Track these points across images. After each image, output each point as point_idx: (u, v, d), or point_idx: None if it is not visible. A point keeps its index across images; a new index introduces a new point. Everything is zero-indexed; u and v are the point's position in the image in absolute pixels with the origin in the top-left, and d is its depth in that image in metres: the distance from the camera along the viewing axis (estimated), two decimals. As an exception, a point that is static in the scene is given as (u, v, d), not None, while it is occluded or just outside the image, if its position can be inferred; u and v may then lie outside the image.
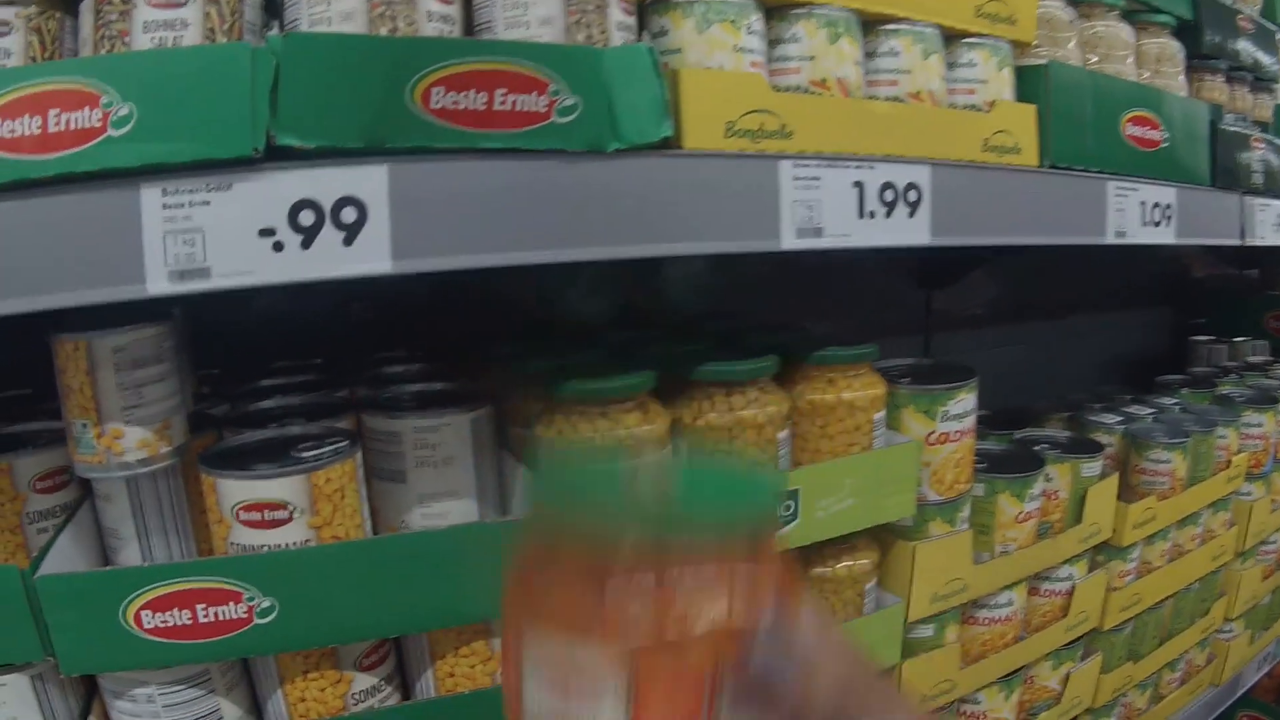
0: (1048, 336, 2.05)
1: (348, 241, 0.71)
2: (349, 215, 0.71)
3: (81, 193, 0.68)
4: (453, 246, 0.74)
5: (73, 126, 0.68)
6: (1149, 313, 2.40)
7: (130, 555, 0.85)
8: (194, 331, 0.99)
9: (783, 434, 1.02)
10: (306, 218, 0.70)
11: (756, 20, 0.88)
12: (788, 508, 1.01)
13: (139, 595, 0.73)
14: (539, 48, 0.76)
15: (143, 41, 0.72)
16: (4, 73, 0.72)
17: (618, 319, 1.24)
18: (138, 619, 0.73)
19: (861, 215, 0.93)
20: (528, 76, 0.76)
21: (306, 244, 0.70)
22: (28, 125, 0.66)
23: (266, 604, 0.76)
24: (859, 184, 0.93)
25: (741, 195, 0.86)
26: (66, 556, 0.80)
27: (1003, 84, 1.07)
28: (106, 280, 0.68)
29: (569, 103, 0.77)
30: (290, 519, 0.76)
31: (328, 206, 0.70)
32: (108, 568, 0.75)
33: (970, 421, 1.18)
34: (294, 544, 0.77)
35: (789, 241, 0.89)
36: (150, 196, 0.68)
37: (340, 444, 0.81)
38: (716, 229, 0.85)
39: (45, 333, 0.77)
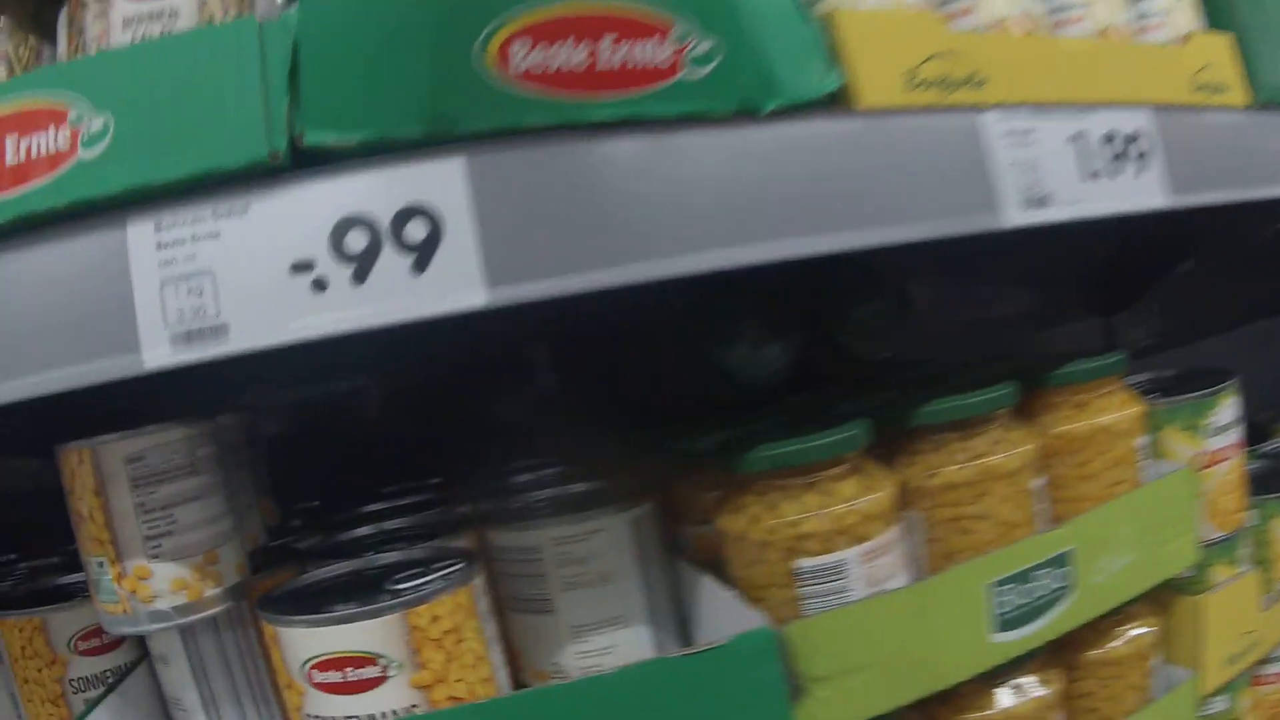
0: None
1: (419, 267, 0.49)
2: (416, 231, 0.50)
3: (49, 240, 0.49)
4: (569, 261, 0.51)
5: (35, 154, 0.50)
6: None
7: (197, 734, 0.64)
8: (277, 446, 0.79)
9: (1037, 482, 0.74)
10: (356, 240, 0.49)
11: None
12: (1062, 579, 0.72)
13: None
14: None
15: (123, 40, 0.53)
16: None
17: (784, 384, 0.97)
18: None
19: (1084, 177, 0.69)
20: (641, 19, 0.53)
21: (360, 276, 0.49)
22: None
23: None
24: (1078, 136, 0.70)
25: (940, 161, 0.63)
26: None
27: (1186, 14, 0.85)
28: (87, 352, 0.48)
29: (702, 49, 0.54)
30: (384, 677, 0.53)
31: (385, 221, 0.50)
32: None
33: (1237, 433, 0.93)
34: (394, 713, 0.53)
35: (1013, 215, 0.64)
36: (140, 235, 0.49)
37: (451, 568, 0.57)
38: (917, 208, 0.62)
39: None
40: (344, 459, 0.86)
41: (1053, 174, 0.67)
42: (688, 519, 0.71)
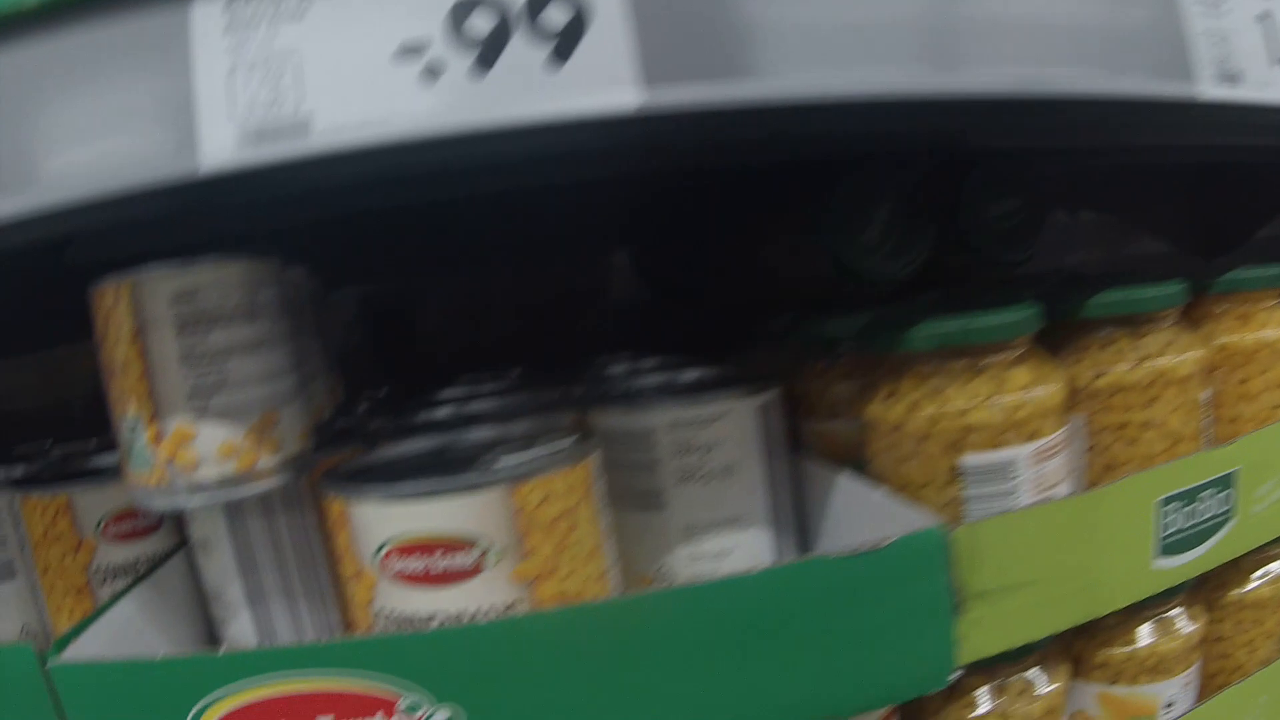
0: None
1: (558, 57, 0.39)
2: (556, 16, 0.39)
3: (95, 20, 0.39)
4: (727, 65, 0.41)
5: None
6: None
7: (240, 632, 0.55)
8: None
9: (1205, 394, 0.65)
10: (481, 22, 0.39)
11: None
12: (1224, 504, 0.63)
13: (217, 700, 0.42)
14: None
15: None
16: None
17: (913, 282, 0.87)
18: None
19: (1271, 61, 0.60)
20: None
21: (484, 65, 0.39)
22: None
23: (442, 715, 0.43)
24: (1265, 16, 0.60)
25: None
26: (127, 631, 0.49)
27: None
28: (132, 158, 0.38)
29: None
30: (478, 567, 0.44)
31: (518, 2, 0.38)
32: (166, 654, 0.43)
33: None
34: (487, 612, 0.44)
35: (1207, 88, 0.55)
36: (206, 13, 0.38)
37: (563, 442, 0.48)
38: (1112, 59, 0.50)
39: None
40: (420, 348, 0.76)
41: (1243, 50, 0.57)
42: (814, 414, 0.62)
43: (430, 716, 0.43)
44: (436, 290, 0.91)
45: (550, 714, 0.43)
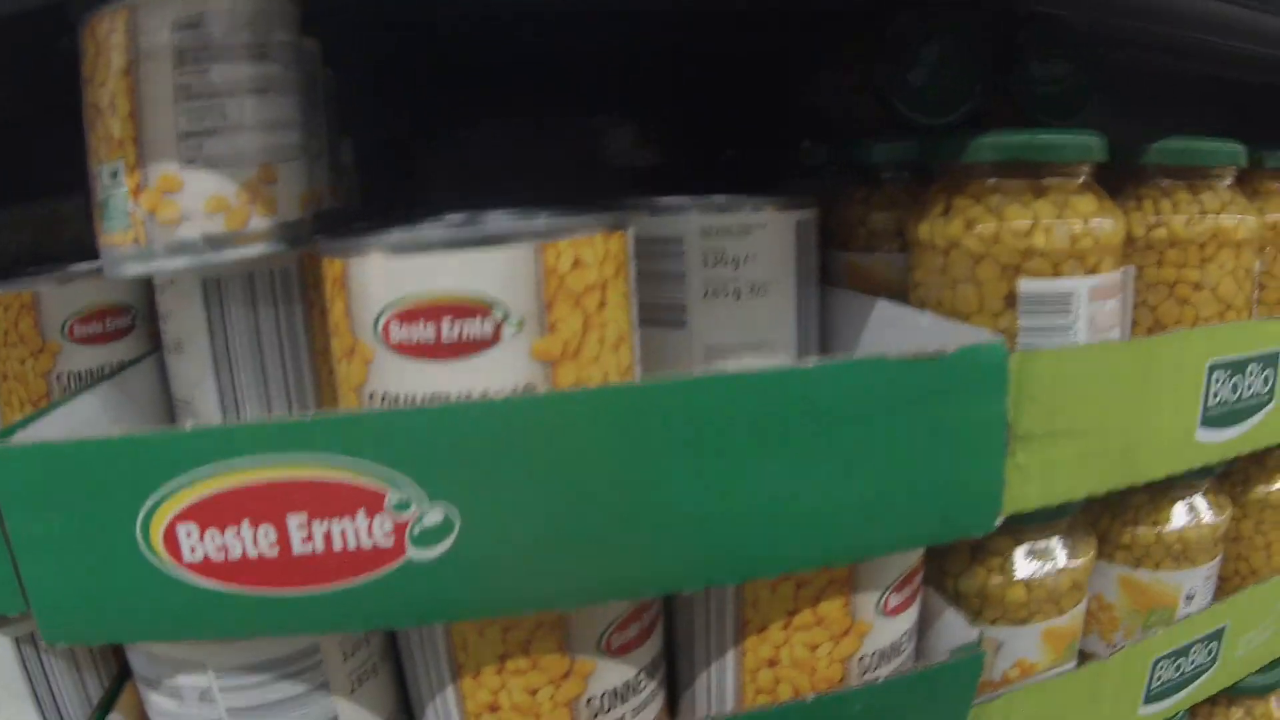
0: None
1: None
2: None
3: None
4: None
5: None
6: None
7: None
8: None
9: (1258, 266, 0.61)
10: None
11: None
12: (1267, 384, 0.60)
13: (179, 490, 0.37)
14: None
15: None
16: None
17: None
18: (170, 538, 0.37)
19: None
20: None
21: None
22: None
23: (434, 518, 0.38)
24: None
25: None
26: (84, 426, 0.44)
27: None
28: None
29: None
30: (496, 337, 0.39)
31: None
32: (117, 434, 0.37)
33: None
34: (498, 391, 0.39)
35: None
36: None
37: (595, 213, 0.43)
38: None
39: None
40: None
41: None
42: (849, 245, 0.57)
43: (421, 517, 0.38)
44: (444, 143, 0.85)
45: (554, 515, 0.39)
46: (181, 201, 0.41)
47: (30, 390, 0.54)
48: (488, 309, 0.38)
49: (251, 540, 0.37)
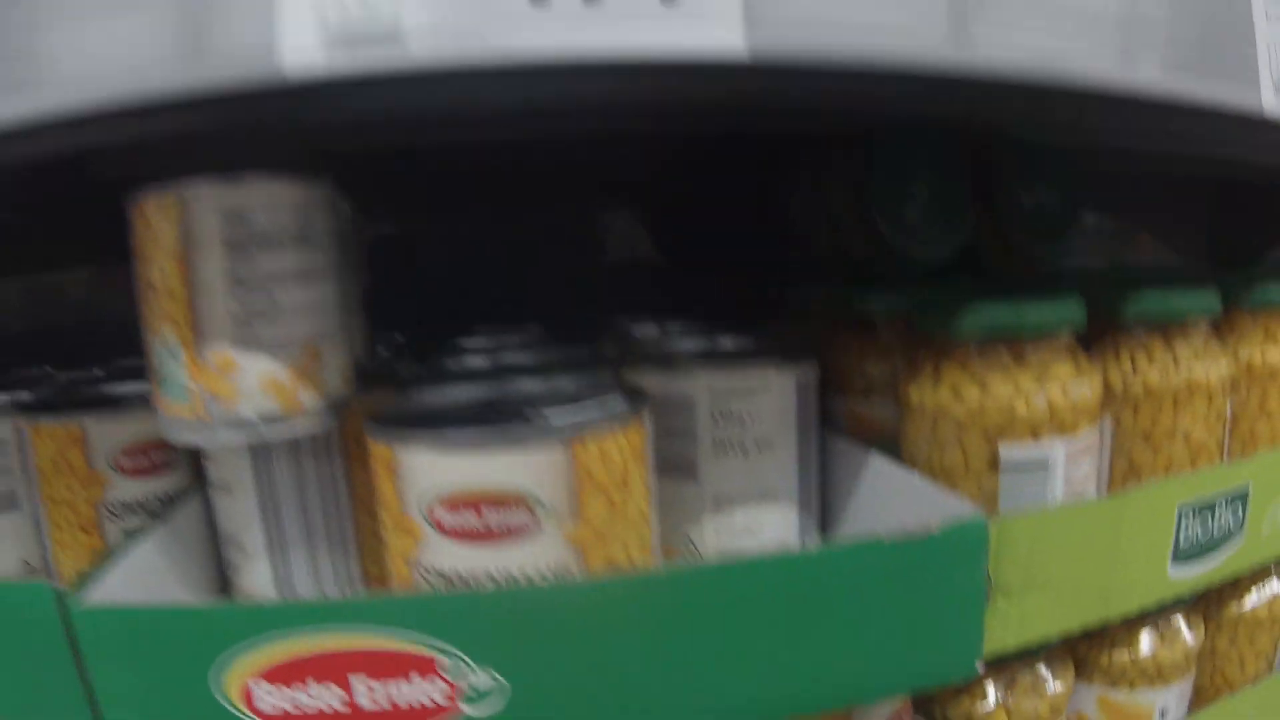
0: None
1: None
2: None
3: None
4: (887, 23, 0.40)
5: None
6: None
7: (256, 580, 0.53)
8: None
9: (1228, 408, 0.66)
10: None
11: None
12: (1236, 518, 0.64)
13: (250, 651, 0.40)
14: None
15: None
16: None
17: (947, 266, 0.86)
18: (246, 696, 0.41)
19: None
20: None
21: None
22: None
23: (484, 684, 0.42)
24: None
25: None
26: (147, 576, 0.48)
27: None
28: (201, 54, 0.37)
29: None
30: (533, 526, 0.43)
31: None
32: (199, 603, 0.41)
33: None
34: (539, 572, 0.43)
35: (1270, 100, 0.55)
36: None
37: (617, 400, 0.47)
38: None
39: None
40: (440, 296, 0.75)
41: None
42: (848, 390, 0.61)
43: (470, 681, 0.42)
44: (440, 237, 0.89)
45: (596, 686, 0.43)
46: (237, 381, 0.45)
47: (80, 516, 0.58)
48: (524, 502, 0.42)
49: (322, 697, 0.41)
